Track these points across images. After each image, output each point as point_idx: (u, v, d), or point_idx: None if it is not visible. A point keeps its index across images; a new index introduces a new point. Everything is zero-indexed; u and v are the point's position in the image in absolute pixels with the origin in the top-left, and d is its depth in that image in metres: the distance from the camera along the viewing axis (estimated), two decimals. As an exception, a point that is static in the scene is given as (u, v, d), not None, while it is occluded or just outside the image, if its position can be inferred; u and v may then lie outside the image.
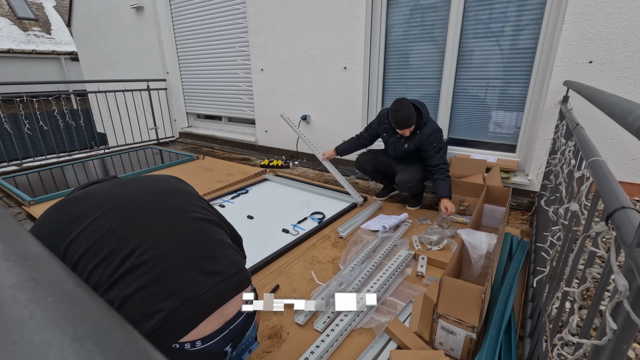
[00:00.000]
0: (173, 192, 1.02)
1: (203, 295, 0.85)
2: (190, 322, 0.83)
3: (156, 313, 0.79)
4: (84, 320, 0.15)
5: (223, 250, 0.97)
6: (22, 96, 3.78)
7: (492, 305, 1.42)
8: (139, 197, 0.95)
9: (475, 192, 2.32)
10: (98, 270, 0.80)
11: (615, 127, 2.14)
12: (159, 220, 0.91)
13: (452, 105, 3.01)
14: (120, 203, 0.91)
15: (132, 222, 0.88)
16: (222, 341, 0.89)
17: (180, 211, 0.96)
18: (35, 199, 2.70)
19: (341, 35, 3.24)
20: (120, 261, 0.81)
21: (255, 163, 3.99)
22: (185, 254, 0.88)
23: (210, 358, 0.88)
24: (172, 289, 0.83)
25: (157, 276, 0.82)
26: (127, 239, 0.84)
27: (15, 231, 0.19)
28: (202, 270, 0.88)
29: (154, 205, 0.94)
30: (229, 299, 0.91)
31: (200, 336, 0.85)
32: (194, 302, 0.83)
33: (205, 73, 4.77)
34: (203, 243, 0.93)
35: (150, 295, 0.80)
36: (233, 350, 0.94)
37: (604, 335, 0.54)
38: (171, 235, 0.89)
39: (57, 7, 12.58)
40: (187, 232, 0.92)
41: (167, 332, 0.80)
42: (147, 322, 0.79)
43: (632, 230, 0.52)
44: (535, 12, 2.47)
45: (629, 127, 0.56)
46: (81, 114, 5.18)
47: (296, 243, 2.09)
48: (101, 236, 0.83)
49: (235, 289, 0.94)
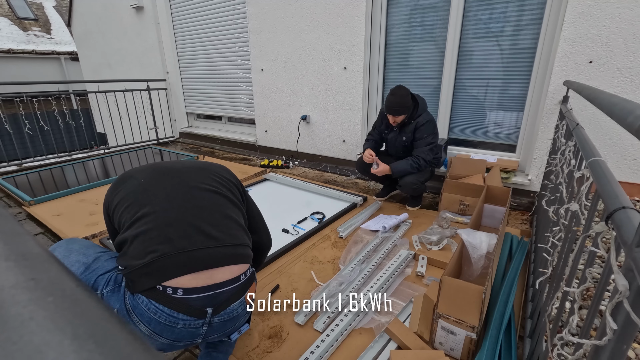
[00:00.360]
0: (203, 170, 1.14)
1: (195, 251, 0.95)
2: (176, 270, 0.93)
3: (150, 253, 0.92)
4: (84, 320, 0.15)
5: (227, 222, 1.05)
6: (22, 96, 3.78)
7: (492, 305, 1.42)
8: (173, 165, 1.13)
9: (475, 192, 2.32)
10: (125, 213, 1.00)
11: (615, 127, 2.14)
12: (179, 184, 1.05)
13: (452, 105, 3.01)
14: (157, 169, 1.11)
15: (157, 183, 1.05)
16: (204, 299, 0.94)
17: (201, 183, 1.08)
18: (35, 199, 2.70)
19: (341, 35, 3.24)
20: (138, 208, 0.99)
21: (255, 163, 3.99)
22: (191, 215, 1.00)
23: (189, 310, 0.93)
24: (169, 237, 0.95)
25: (161, 224, 0.96)
26: (149, 194, 1.02)
27: (15, 231, 0.19)
28: (201, 231, 0.98)
29: (181, 175, 1.09)
30: (219, 265, 0.98)
31: (183, 286, 0.93)
32: (184, 254, 0.94)
33: (205, 73, 4.77)
34: (210, 211, 1.03)
35: (150, 238, 0.94)
36: (214, 315, 0.97)
37: (604, 335, 0.54)
38: (185, 197, 1.03)
39: (57, 7, 12.58)
40: (199, 198, 1.04)
41: (153, 270, 0.91)
42: (142, 259, 0.92)
43: (632, 230, 0.52)
44: (535, 12, 2.48)
45: (629, 127, 0.56)
46: (81, 114, 5.18)
47: (296, 243, 2.09)
48: (134, 189, 1.04)
49: (229, 259, 1.00)
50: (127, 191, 1.04)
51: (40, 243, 0.19)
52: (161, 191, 1.02)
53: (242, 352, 1.32)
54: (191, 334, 0.97)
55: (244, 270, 1.04)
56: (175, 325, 0.93)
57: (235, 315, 1.03)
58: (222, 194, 1.10)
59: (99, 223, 2.38)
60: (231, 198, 1.12)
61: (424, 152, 2.38)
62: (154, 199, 1.00)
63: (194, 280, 0.93)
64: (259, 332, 1.41)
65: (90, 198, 2.85)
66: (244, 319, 1.10)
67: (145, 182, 1.05)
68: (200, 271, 0.94)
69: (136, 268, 0.92)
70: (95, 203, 2.75)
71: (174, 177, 1.07)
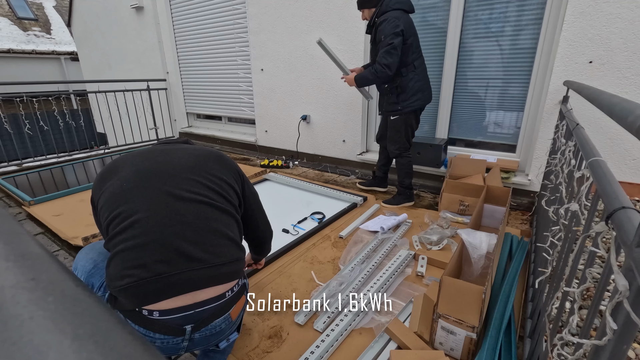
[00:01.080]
0: (196, 169, 1.01)
1: (174, 275, 0.87)
2: (153, 296, 0.87)
3: (126, 277, 0.86)
4: (84, 320, 0.15)
5: (213, 239, 0.95)
6: (22, 96, 3.78)
7: (492, 305, 1.42)
8: (162, 167, 0.99)
9: (475, 192, 2.32)
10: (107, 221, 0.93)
11: (615, 127, 2.14)
12: (164, 194, 0.94)
13: (452, 105, 3.01)
14: (144, 168, 0.98)
15: (141, 188, 0.94)
16: (183, 319, 0.90)
17: (188, 191, 0.96)
18: (35, 199, 2.70)
19: (341, 35, 3.24)
20: (119, 221, 0.90)
21: (255, 163, 3.99)
22: (173, 233, 0.90)
23: (166, 330, 0.89)
24: (146, 260, 0.87)
25: (139, 244, 0.88)
26: (131, 204, 0.92)
27: (15, 231, 0.19)
28: (181, 253, 0.89)
29: (168, 179, 0.96)
30: (203, 287, 0.91)
31: (159, 309, 0.87)
32: (162, 279, 0.86)
33: (205, 73, 4.77)
34: (195, 228, 0.93)
35: (127, 260, 0.87)
36: (195, 332, 0.93)
37: (604, 335, 0.54)
38: (166, 211, 0.92)
39: (57, 7, 12.58)
40: (183, 212, 0.93)
41: (130, 295, 0.86)
42: (119, 281, 0.86)
43: (632, 230, 0.52)
44: (535, 12, 2.48)
45: (629, 127, 0.56)
46: (81, 114, 5.17)
47: (296, 243, 2.09)
48: (117, 194, 0.94)
49: (213, 280, 0.93)
50: (109, 194, 0.95)
51: (40, 243, 0.19)
52: (140, 203, 0.92)
53: (242, 352, 1.32)
54: (171, 349, 0.93)
55: (231, 287, 0.98)
56: (152, 343, 0.89)
57: (218, 330, 0.98)
58: (211, 203, 0.98)
59: (99, 223, 2.38)
60: (221, 206, 1.00)
61: (380, 56, 2.22)
62: (133, 211, 0.91)
63: (172, 302, 0.88)
64: (259, 332, 1.41)
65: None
66: (231, 331, 1.05)
67: (127, 186, 0.94)
68: (180, 295, 0.89)
69: (116, 289, 0.87)
70: (95, 203, 2.75)
71: (158, 182, 0.95)
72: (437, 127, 3.14)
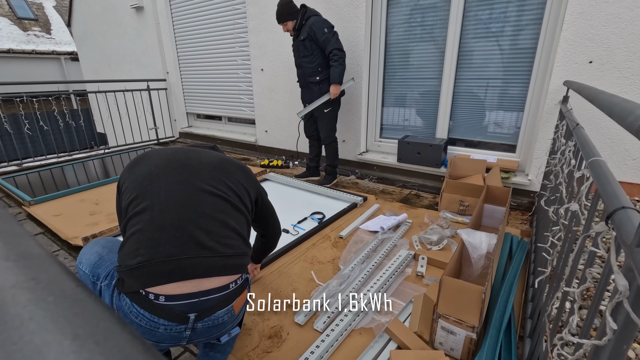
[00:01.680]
0: (218, 169, 1.10)
1: (184, 259, 0.92)
2: (160, 277, 0.90)
3: (138, 256, 0.90)
4: (84, 320, 0.15)
5: (225, 231, 1.01)
6: (22, 96, 3.78)
7: (492, 305, 1.42)
8: (191, 156, 1.09)
9: (475, 192, 2.32)
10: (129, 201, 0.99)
11: (615, 127, 2.14)
12: (185, 182, 1.01)
13: (452, 105, 3.02)
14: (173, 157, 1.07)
15: (165, 175, 1.02)
16: (186, 306, 0.92)
17: (208, 184, 1.04)
18: (35, 199, 2.70)
19: (341, 35, 3.22)
20: (139, 201, 0.97)
21: (255, 163, 3.99)
22: (188, 219, 0.96)
23: (170, 316, 0.91)
24: (158, 242, 0.92)
25: (154, 226, 0.93)
26: (154, 186, 0.99)
27: (15, 231, 0.19)
28: (193, 238, 0.95)
29: (193, 172, 1.05)
30: (208, 275, 0.95)
31: (165, 293, 0.90)
32: (171, 261, 0.91)
33: (205, 73, 4.77)
34: (209, 217, 0.99)
35: (141, 240, 0.92)
36: (198, 321, 0.95)
37: (604, 335, 0.54)
38: (186, 198, 0.99)
39: (57, 7, 12.58)
40: (201, 202, 1.00)
41: (139, 275, 0.89)
42: (132, 260, 0.90)
43: (632, 230, 0.52)
44: (535, 12, 2.48)
45: (629, 127, 0.56)
46: (81, 114, 5.17)
47: (296, 243, 2.09)
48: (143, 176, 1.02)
49: (219, 270, 0.97)
50: (136, 176, 1.03)
51: (40, 243, 0.19)
52: (164, 188, 0.99)
53: (242, 352, 1.32)
54: (173, 337, 0.95)
55: (235, 279, 1.01)
56: (156, 329, 0.91)
57: (220, 322, 1.00)
58: (228, 199, 1.05)
59: (99, 223, 2.38)
60: (236, 204, 1.07)
61: (333, 44, 2.69)
62: (155, 194, 0.97)
63: (178, 288, 0.91)
64: (259, 332, 1.41)
65: (90, 198, 2.85)
66: (232, 325, 1.08)
67: (155, 171, 1.02)
68: (186, 280, 0.91)
69: (126, 269, 0.90)
70: (95, 203, 2.75)
71: (184, 172, 1.03)
72: (437, 127, 3.14)
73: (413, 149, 3.02)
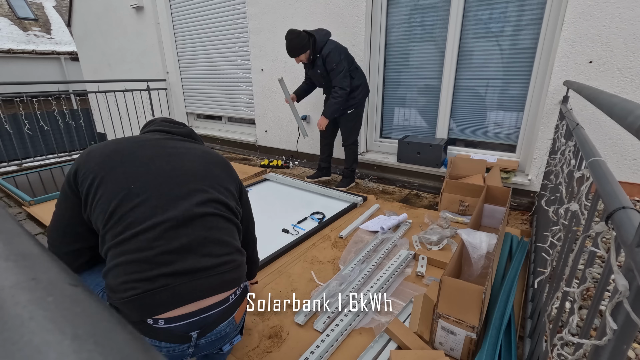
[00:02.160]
0: (207, 180, 1.02)
1: (179, 286, 0.86)
2: (158, 308, 0.85)
3: (130, 289, 0.83)
4: (84, 320, 0.15)
5: (220, 249, 0.95)
6: (22, 96, 3.78)
7: (492, 305, 1.42)
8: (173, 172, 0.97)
9: (475, 192, 2.32)
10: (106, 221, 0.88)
11: (615, 127, 2.14)
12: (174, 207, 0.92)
13: (452, 105, 3.01)
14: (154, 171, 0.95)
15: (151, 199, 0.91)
16: (188, 326, 0.89)
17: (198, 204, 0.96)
18: (35, 199, 2.70)
19: (341, 35, 3.23)
20: (125, 228, 0.87)
21: (255, 163, 3.99)
22: (179, 244, 0.89)
23: (171, 337, 0.88)
24: (150, 275, 0.84)
25: (145, 256, 0.85)
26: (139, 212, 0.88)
27: (15, 231, 0.19)
28: (186, 263, 0.89)
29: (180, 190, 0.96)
30: (207, 296, 0.91)
31: (164, 317, 0.86)
32: (168, 290, 0.85)
33: (205, 73, 4.77)
34: (201, 239, 0.92)
35: (132, 271, 0.84)
36: (200, 338, 0.92)
37: (604, 335, 0.54)
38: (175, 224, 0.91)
39: (57, 7, 12.58)
40: (192, 227, 0.93)
41: (134, 307, 0.83)
42: (121, 294, 0.83)
43: (632, 230, 0.52)
44: (535, 12, 2.48)
45: (629, 127, 0.56)
46: (81, 114, 5.17)
47: (296, 243, 2.09)
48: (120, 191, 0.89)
49: (217, 288, 0.93)
50: (114, 189, 0.89)
51: (40, 243, 0.19)
52: (152, 212, 0.89)
53: (242, 352, 1.32)
54: (177, 357, 0.93)
55: (234, 291, 0.99)
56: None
57: (223, 335, 0.98)
58: (218, 214, 0.98)
59: (99, 223, 2.38)
60: (227, 216, 1.01)
61: (338, 81, 2.66)
62: (141, 220, 0.88)
63: (178, 311, 0.87)
64: (259, 332, 1.41)
65: (90, 198, 2.85)
66: (235, 334, 1.06)
67: (136, 191, 0.91)
68: (184, 305, 0.88)
69: (119, 300, 0.84)
70: (95, 203, 2.75)
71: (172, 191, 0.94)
72: (437, 127, 3.14)
73: (413, 149, 3.02)
